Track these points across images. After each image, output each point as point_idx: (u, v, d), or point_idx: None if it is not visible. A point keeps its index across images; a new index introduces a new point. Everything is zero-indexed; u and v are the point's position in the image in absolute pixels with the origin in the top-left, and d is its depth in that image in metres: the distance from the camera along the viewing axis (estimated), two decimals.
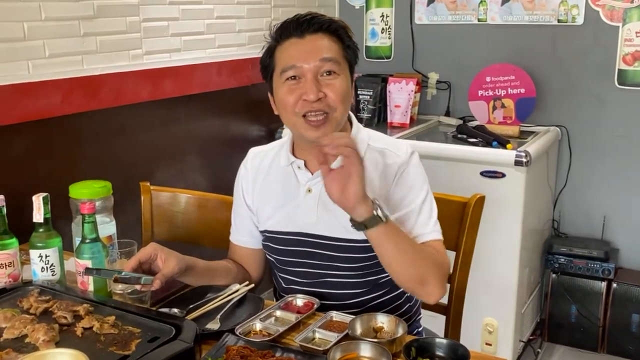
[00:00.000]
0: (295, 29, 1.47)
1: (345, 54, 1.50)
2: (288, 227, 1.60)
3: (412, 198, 1.52)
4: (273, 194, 1.63)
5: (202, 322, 1.45)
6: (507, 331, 2.80)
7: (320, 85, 1.45)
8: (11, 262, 1.58)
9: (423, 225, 1.52)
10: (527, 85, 2.97)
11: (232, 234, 1.75)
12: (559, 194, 3.18)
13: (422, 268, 1.45)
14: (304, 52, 1.46)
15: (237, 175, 1.72)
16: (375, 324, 1.39)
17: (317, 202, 1.55)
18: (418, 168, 1.56)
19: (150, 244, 1.50)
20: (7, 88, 1.92)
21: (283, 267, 1.65)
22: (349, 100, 1.50)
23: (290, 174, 1.59)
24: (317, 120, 1.47)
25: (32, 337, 1.28)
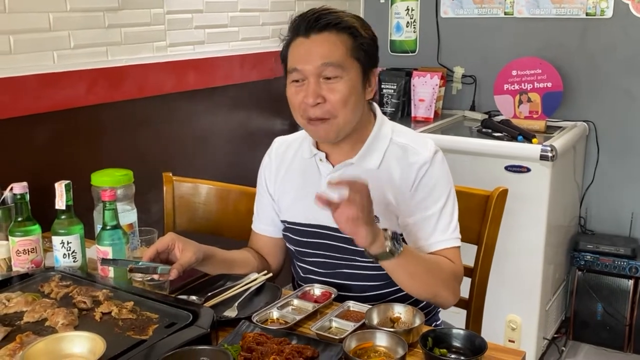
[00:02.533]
0: (302, 27, 1.44)
1: (354, 53, 1.44)
2: (308, 218, 1.60)
3: (433, 201, 1.50)
4: (295, 185, 1.63)
5: (220, 310, 1.46)
6: (531, 328, 2.76)
7: (322, 89, 1.42)
8: (34, 248, 1.60)
9: (442, 231, 1.50)
10: (554, 79, 2.92)
11: (254, 222, 1.76)
12: (586, 191, 3.13)
13: (435, 287, 1.48)
14: (306, 54, 1.43)
15: (261, 164, 1.73)
16: (392, 314, 1.39)
17: (338, 195, 1.53)
18: (441, 168, 1.52)
19: (169, 233, 1.52)
20: (33, 78, 1.95)
21: (302, 257, 1.66)
22: (353, 103, 1.44)
23: (312, 165, 1.59)
24: (318, 123, 1.47)
25: (52, 321, 1.30)
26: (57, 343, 1.16)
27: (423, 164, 1.49)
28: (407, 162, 1.50)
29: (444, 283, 1.48)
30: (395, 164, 1.51)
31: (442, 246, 1.50)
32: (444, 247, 1.50)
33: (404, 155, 1.51)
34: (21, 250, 1.59)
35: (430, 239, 1.50)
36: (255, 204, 1.75)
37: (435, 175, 1.50)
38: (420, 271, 1.44)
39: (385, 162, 1.52)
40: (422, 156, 1.50)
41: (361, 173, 1.50)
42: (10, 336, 1.25)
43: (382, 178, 1.51)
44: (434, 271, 1.46)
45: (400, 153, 1.52)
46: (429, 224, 1.50)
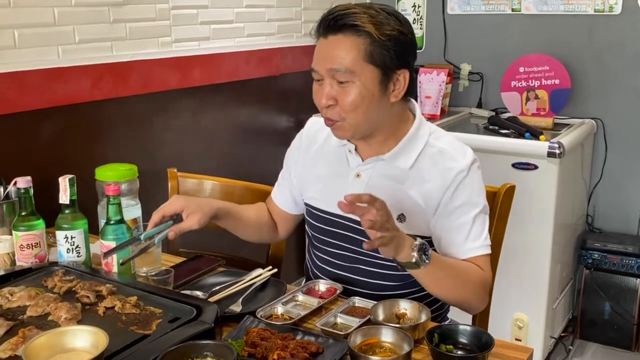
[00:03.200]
0: (322, 27, 1.42)
1: (369, 57, 1.37)
2: (331, 207, 1.57)
3: (467, 209, 1.47)
4: (322, 169, 1.61)
5: (224, 305, 1.45)
6: (538, 327, 2.74)
7: (335, 91, 1.41)
8: (37, 242, 1.59)
9: (474, 239, 1.48)
10: (562, 76, 2.90)
11: (274, 191, 1.78)
12: (594, 189, 3.11)
13: (462, 295, 1.48)
14: (321, 56, 1.42)
15: (293, 143, 1.73)
16: (398, 310, 1.37)
17: (365, 189, 1.51)
18: (477, 178, 1.49)
19: (178, 199, 1.50)
20: (37, 73, 1.94)
21: (319, 244, 1.64)
22: (365, 107, 1.40)
23: (342, 155, 1.57)
24: (329, 122, 1.46)
25: (55, 315, 1.29)
26: (59, 337, 1.15)
27: (460, 172, 1.46)
28: (443, 167, 1.47)
29: (471, 291, 1.47)
30: (428, 167, 1.48)
31: (474, 254, 1.48)
32: (476, 254, 1.48)
33: (441, 160, 1.48)
34: (25, 244, 1.58)
35: (463, 247, 1.48)
36: (280, 175, 1.77)
37: (471, 184, 1.47)
38: (448, 279, 1.43)
39: (418, 164, 1.49)
40: (460, 164, 1.46)
41: (391, 171, 1.50)
42: (13, 330, 1.24)
43: (412, 178, 1.49)
44: (461, 279, 1.45)
45: (436, 157, 1.49)
46: (462, 232, 1.47)
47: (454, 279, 1.44)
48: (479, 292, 1.49)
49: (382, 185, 1.50)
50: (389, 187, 1.50)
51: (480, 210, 1.49)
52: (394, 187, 1.49)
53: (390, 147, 1.50)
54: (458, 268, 1.46)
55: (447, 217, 1.47)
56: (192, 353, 1.14)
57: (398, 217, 1.48)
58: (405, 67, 1.42)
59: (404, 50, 1.41)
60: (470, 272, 1.46)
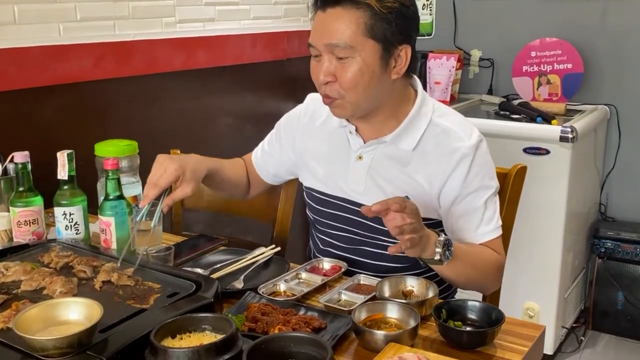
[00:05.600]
0: (320, 0, 1.36)
1: (370, 31, 1.31)
2: (333, 190, 1.53)
3: (479, 194, 1.42)
4: (322, 149, 1.56)
5: (226, 281, 1.41)
6: (549, 316, 2.68)
7: (334, 67, 1.35)
8: (35, 219, 1.56)
9: (487, 223, 1.43)
10: (575, 61, 2.83)
11: (258, 155, 1.73)
12: (607, 176, 3.04)
13: (481, 281, 1.46)
14: (319, 30, 1.36)
15: (290, 116, 1.66)
16: (404, 287, 1.32)
17: (367, 171, 1.47)
18: (486, 158, 1.44)
19: (170, 165, 1.41)
20: (37, 50, 1.90)
21: (322, 228, 1.60)
22: (365, 84, 1.34)
23: (342, 136, 1.52)
24: (327, 100, 1.41)
25: (50, 289, 1.25)
26: (51, 309, 1.11)
27: (466, 153, 1.39)
28: (448, 148, 1.41)
29: (489, 276, 1.45)
30: (433, 148, 1.42)
31: (488, 238, 1.44)
32: (490, 238, 1.44)
33: (445, 140, 1.41)
34: (22, 221, 1.54)
35: (476, 231, 1.43)
36: (267, 142, 1.71)
37: (481, 167, 1.41)
38: (467, 269, 1.39)
39: (422, 145, 1.43)
40: (466, 144, 1.40)
41: (394, 153, 1.45)
42: (7, 304, 1.21)
43: (416, 160, 1.43)
44: (480, 267, 1.41)
45: (441, 136, 1.42)
46: (476, 217, 1.42)
47: (473, 268, 1.40)
48: (495, 276, 1.46)
49: (385, 167, 1.45)
50: (392, 169, 1.45)
51: (492, 193, 1.44)
52: (397, 169, 1.45)
53: (392, 127, 1.44)
54: (476, 256, 1.41)
55: (458, 203, 1.42)
56: (190, 326, 1.09)
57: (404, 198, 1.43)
58: (407, 42, 1.36)
59: (407, 23, 1.35)
60: (487, 258, 1.42)
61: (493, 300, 1.70)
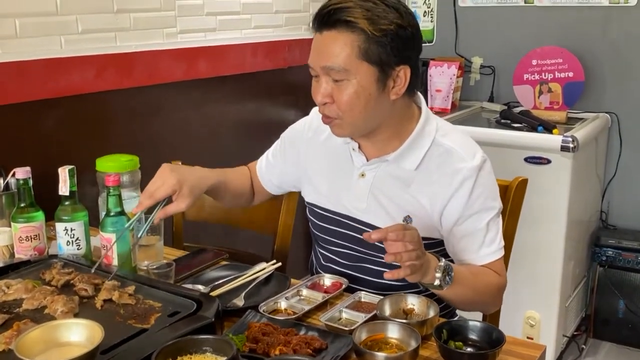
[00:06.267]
0: (316, 22, 1.35)
1: (365, 54, 1.30)
2: (336, 206, 1.53)
3: (482, 216, 1.41)
4: (325, 165, 1.55)
5: (227, 299, 1.41)
6: (550, 325, 2.68)
7: (331, 89, 1.34)
8: (37, 235, 1.56)
9: (489, 244, 1.43)
10: (576, 69, 2.83)
11: (262, 166, 1.73)
12: (608, 184, 3.04)
13: (481, 304, 1.48)
14: (316, 53, 1.35)
15: (295, 128, 1.65)
16: (405, 306, 1.32)
17: (369, 189, 1.47)
18: (489, 179, 1.42)
19: (169, 178, 1.41)
20: (39, 63, 1.90)
21: (324, 244, 1.60)
22: (362, 106, 1.33)
23: (346, 152, 1.51)
24: (326, 120, 1.41)
25: (51, 308, 1.25)
26: (53, 331, 1.11)
27: (469, 174, 1.38)
28: (450, 168, 1.40)
29: (489, 298, 1.45)
30: (434, 167, 1.41)
31: (490, 259, 1.43)
32: (491, 260, 1.43)
33: (448, 160, 1.40)
34: (24, 237, 1.54)
35: (478, 253, 1.42)
36: (272, 154, 1.71)
37: (483, 189, 1.40)
38: (468, 292, 1.38)
39: (425, 164, 1.42)
40: (469, 165, 1.39)
41: (397, 172, 1.44)
42: (8, 324, 1.21)
43: (418, 180, 1.43)
44: (481, 290, 1.41)
45: (444, 156, 1.41)
46: (477, 239, 1.42)
47: (473, 291, 1.39)
48: (495, 298, 1.46)
49: (388, 186, 1.45)
50: (395, 188, 1.45)
51: (495, 214, 1.43)
52: (399, 188, 1.44)
53: (395, 146, 1.43)
54: (477, 279, 1.40)
55: (460, 224, 1.41)
56: (191, 348, 1.09)
57: (404, 219, 1.43)
58: (405, 62, 1.34)
59: (403, 45, 1.32)
60: (489, 281, 1.42)
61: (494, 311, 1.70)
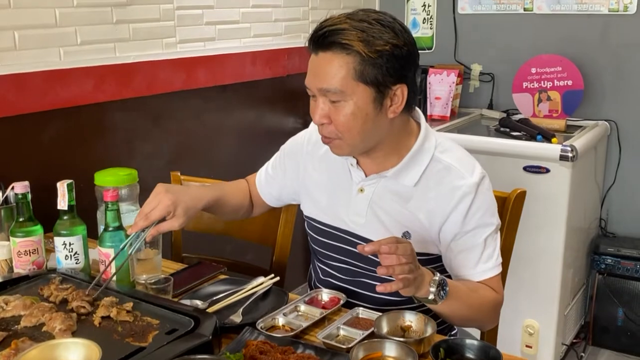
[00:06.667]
0: (312, 43, 1.35)
1: (361, 75, 1.29)
2: (334, 221, 1.53)
3: (479, 232, 1.41)
4: (323, 179, 1.56)
5: (224, 315, 1.41)
6: (549, 333, 2.68)
7: (329, 109, 1.34)
8: (35, 249, 1.56)
9: (486, 261, 1.43)
10: (575, 77, 2.83)
11: (262, 180, 1.73)
12: (607, 192, 3.04)
13: (476, 320, 1.47)
14: (312, 74, 1.35)
15: (295, 141, 1.65)
16: (402, 322, 1.33)
17: (368, 204, 1.47)
18: (488, 195, 1.42)
19: (164, 199, 1.41)
20: (38, 75, 1.90)
21: (322, 258, 1.60)
22: (359, 126, 1.33)
23: (344, 167, 1.51)
24: (325, 140, 1.41)
25: (49, 326, 1.26)
26: (51, 350, 1.11)
27: (467, 191, 1.38)
28: (449, 185, 1.40)
29: (485, 315, 1.44)
30: (433, 184, 1.41)
31: (487, 276, 1.43)
32: (488, 276, 1.43)
33: (447, 177, 1.40)
34: (22, 251, 1.55)
35: (474, 269, 1.42)
36: (271, 166, 1.71)
37: (481, 205, 1.40)
38: (463, 308, 1.38)
39: (423, 181, 1.42)
40: (467, 182, 1.39)
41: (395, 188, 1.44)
42: (6, 341, 1.21)
43: (417, 196, 1.42)
44: (476, 306, 1.41)
45: (442, 172, 1.41)
46: (474, 255, 1.42)
47: (469, 307, 1.39)
48: (491, 315, 1.46)
49: (386, 201, 1.45)
50: (394, 203, 1.45)
51: (493, 230, 1.43)
52: (398, 203, 1.44)
53: (394, 162, 1.43)
54: (473, 296, 1.40)
55: (458, 240, 1.42)
56: None
57: (403, 234, 1.43)
58: (402, 81, 1.33)
59: (399, 65, 1.31)
60: (484, 297, 1.42)
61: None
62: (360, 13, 1.34)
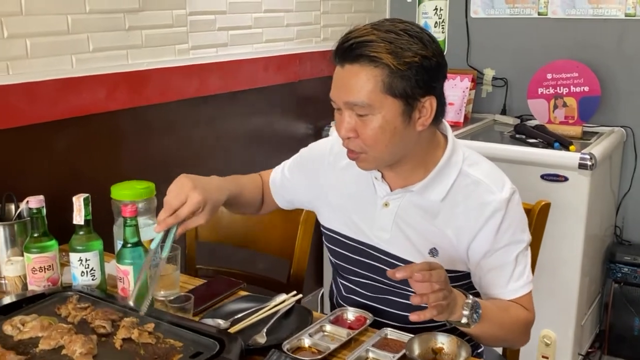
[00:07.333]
0: (338, 55, 1.30)
1: (389, 89, 1.25)
2: (357, 234, 1.48)
3: (510, 249, 1.36)
4: (347, 193, 1.50)
5: (248, 335, 1.37)
6: (566, 344, 2.64)
7: (355, 123, 1.30)
8: (50, 265, 1.51)
9: (517, 278, 1.38)
10: (592, 83, 2.79)
11: (276, 181, 1.66)
12: (622, 199, 2.99)
13: (508, 340, 1.46)
14: (339, 87, 1.30)
15: (316, 149, 1.60)
16: (435, 344, 1.28)
17: (393, 220, 1.42)
18: (518, 211, 1.38)
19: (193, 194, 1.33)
20: (50, 83, 1.85)
21: (344, 274, 1.55)
22: (387, 140, 1.29)
23: (368, 180, 1.46)
24: (352, 154, 1.36)
25: (69, 349, 1.21)
26: None
27: (498, 207, 1.34)
28: (478, 201, 1.35)
29: (516, 335, 1.40)
30: (461, 199, 1.37)
31: (518, 294, 1.38)
32: (520, 295, 1.38)
33: (476, 192, 1.36)
34: (37, 267, 1.50)
35: (506, 287, 1.38)
36: (288, 169, 1.64)
37: (512, 222, 1.36)
38: (495, 329, 1.34)
39: (451, 196, 1.37)
40: (497, 198, 1.34)
41: (422, 203, 1.39)
42: None
43: (444, 211, 1.38)
44: (507, 326, 1.37)
45: (471, 187, 1.36)
46: (506, 273, 1.37)
47: (500, 328, 1.35)
48: (523, 335, 1.41)
49: (412, 217, 1.41)
50: (420, 218, 1.40)
51: (524, 247, 1.38)
52: (425, 219, 1.40)
53: (420, 176, 1.39)
54: (504, 315, 1.36)
55: (488, 258, 1.37)
56: None
57: (430, 250, 1.39)
58: (430, 93, 1.29)
59: (429, 76, 1.27)
60: (516, 317, 1.37)
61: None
62: (387, 23, 1.30)
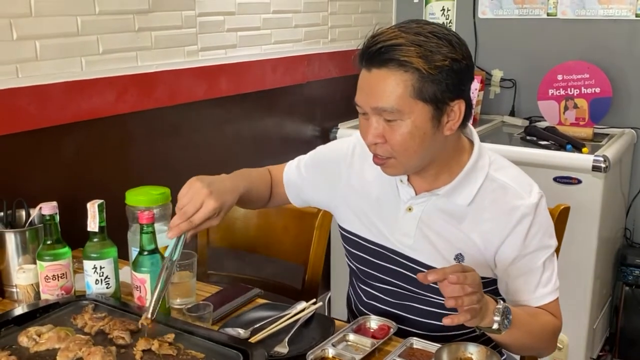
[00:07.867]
0: (364, 59, 1.26)
1: (419, 93, 1.22)
2: (379, 238, 1.45)
3: (538, 255, 1.34)
4: (368, 196, 1.46)
5: (269, 344, 1.33)
6: (579, 348, 2.61)
7: (383, 128, 1.26)
8: (64, 273, 1.47)
9: (545, 284, 1.36)
10: (603, 85, 2.76)
11: (288, 172, 1.62)
12: (632, 201, 2.97)
13: (536, 348, 1.42)
14: (366, 91, 1.27)
15: (338, 150, 1.55)
16: (463, 355, 1.24)
17: (417, 224, 1.39)
18: (546, 217, 1.35)
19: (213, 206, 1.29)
20: (59, 86, 1.81)
21: (365, 279, 1.51)
22: (416, 145, 1.26)
23: (391, 184, 1.42)
24: (378, 160, 1.32)
25: None
26: None
27: (526, 212, 1.31)
28: (506, 206, 1.33)
29: (545, 342, 1.38)
30: (488, 203, 1.34)
31: (546, 300, 1.36)
32: (547, 301, 1.36)
33: (503, 197, 1.33)
34: (50, 275, 1.46)
35: (533, 294, 1.35)
36: (304, 166, 1.59)
37: (541, 227, 1.33)
38: (524, 336, 1.31)
39: (478, 200, 1.34)
40: (526, 203, 1.32)
41: (447, 207, 1.36)
42: None
43: (471, 216, 1.35)
44: (536, 334, 1.34)
45: (498, 192, 1.34)
46: (533, 279, 1.35)
47: (529, 335, 1.32)
48: (551, 342, 1.39)
49: (437, 222, 1.38)
50: (445, 223, 1.37)
51: (551, 253, 1.36)
52: (450, 224, 1.37)
53: (446, 180, 1.36)
54: (533, 322, 1.33)
55: (516, 263, 1.34)
56: None
57: (456, 256, 1.36)
58: (460, 96, 1.25)
59: (458, 79, 1.24)
60: (545, 323, 1.35)
61: None
62: (414, 25, 1.26)
